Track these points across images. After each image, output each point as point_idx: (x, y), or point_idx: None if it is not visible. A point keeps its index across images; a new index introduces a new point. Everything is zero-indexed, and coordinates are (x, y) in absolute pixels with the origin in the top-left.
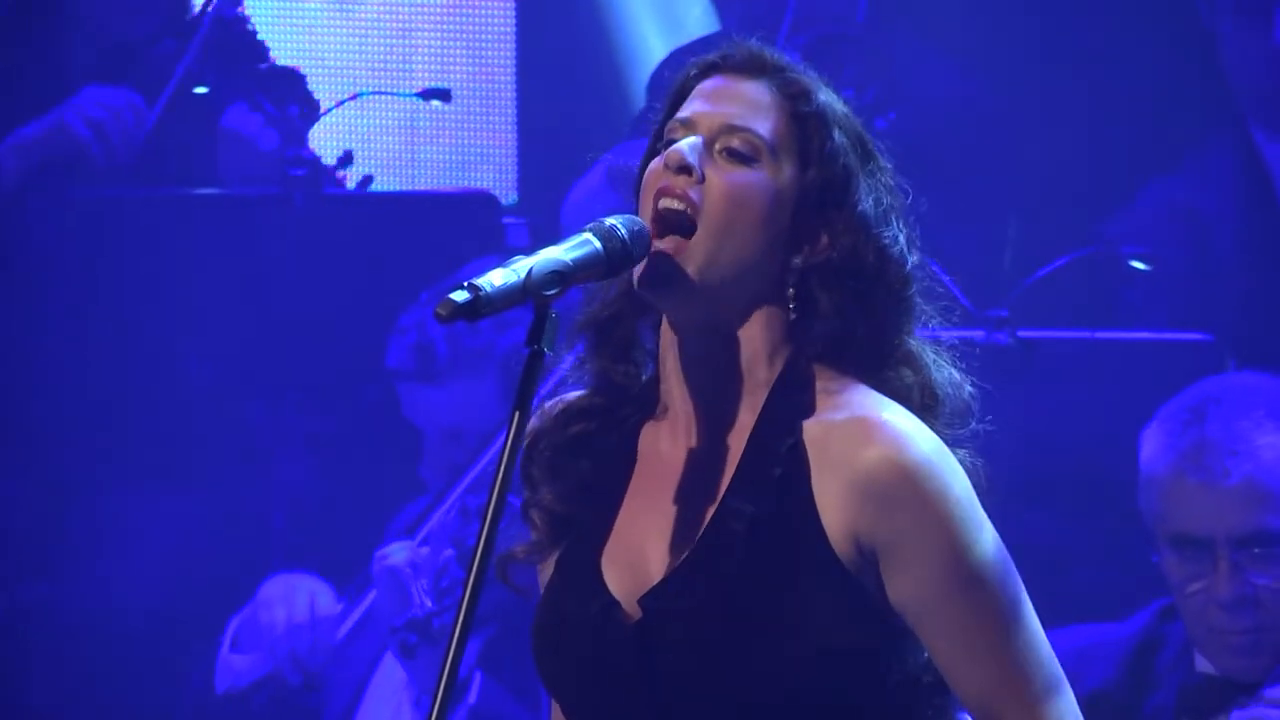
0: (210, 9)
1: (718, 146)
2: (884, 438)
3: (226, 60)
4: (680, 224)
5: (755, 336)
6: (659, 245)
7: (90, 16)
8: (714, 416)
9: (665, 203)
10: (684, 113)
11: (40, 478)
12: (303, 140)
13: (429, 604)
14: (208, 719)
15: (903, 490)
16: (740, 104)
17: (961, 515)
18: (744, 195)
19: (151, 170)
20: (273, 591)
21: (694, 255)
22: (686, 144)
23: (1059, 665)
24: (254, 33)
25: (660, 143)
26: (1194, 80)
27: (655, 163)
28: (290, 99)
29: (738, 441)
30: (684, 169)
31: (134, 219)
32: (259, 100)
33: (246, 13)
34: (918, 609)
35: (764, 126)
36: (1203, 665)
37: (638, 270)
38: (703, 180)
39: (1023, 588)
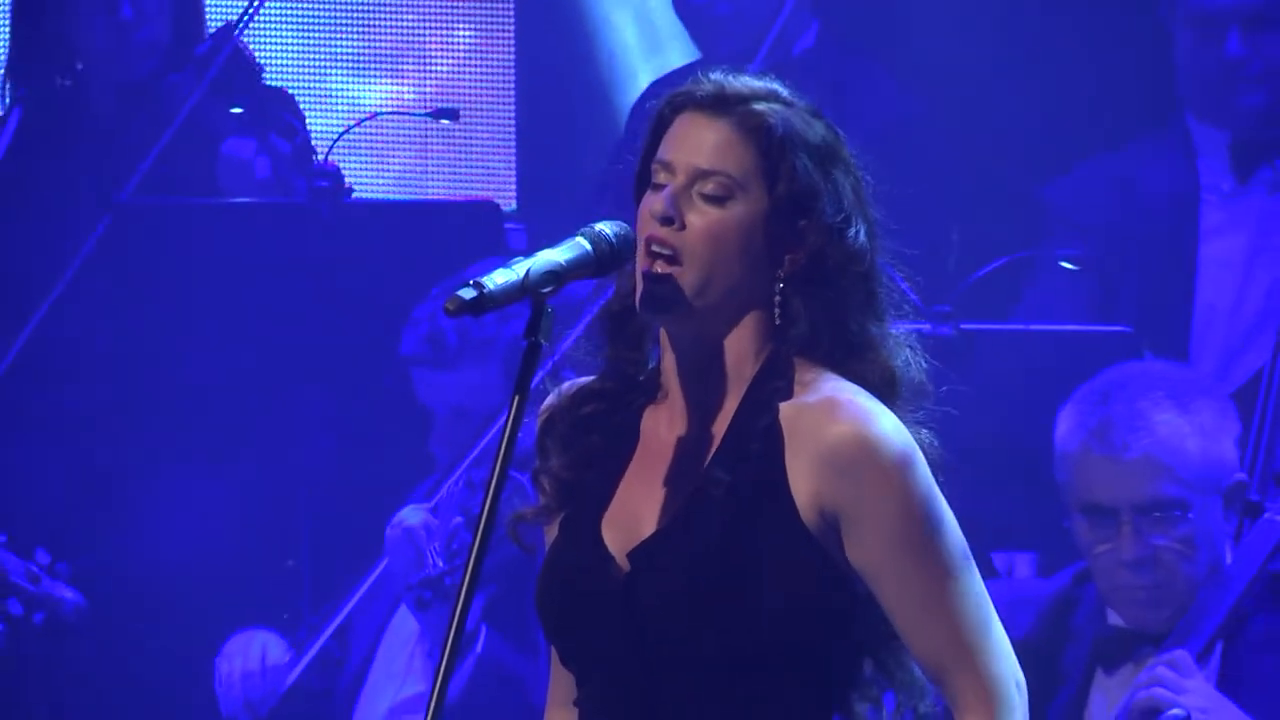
0: (222, 44)
1: (695, 190)
2: (848, 415)
3: (239, 86)
4: (671, 263)
5: (742, 339)
6: (651, 272)
7: (107, 61)
8: (704, 405)
9: (655, 249)
10: (663, 154)
11: (91, 460)
12: (313, 157)
13: (441, 564)
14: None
15: (863, 460)
16: (709, 146)
17: (915, 486)
18: (721, 234)
19: (167, 185)
20: (231, 647)
21: (684, 285)
22: (666, 194)
23: (1003, 629)
24: (259, 65)
25: (649, 174)
26: (1128, 83)
27: (646, 204)
28: (287, 122)
29: (722, 424)
30: (667, 219)
31: (174, 225)
32: (266, 122)
33: (271, 39)
34: (874, 571)
35: (732, 165)
36: (1113, 619)
37: (637, 295)
38: (684, 227)
39: (970, 557)
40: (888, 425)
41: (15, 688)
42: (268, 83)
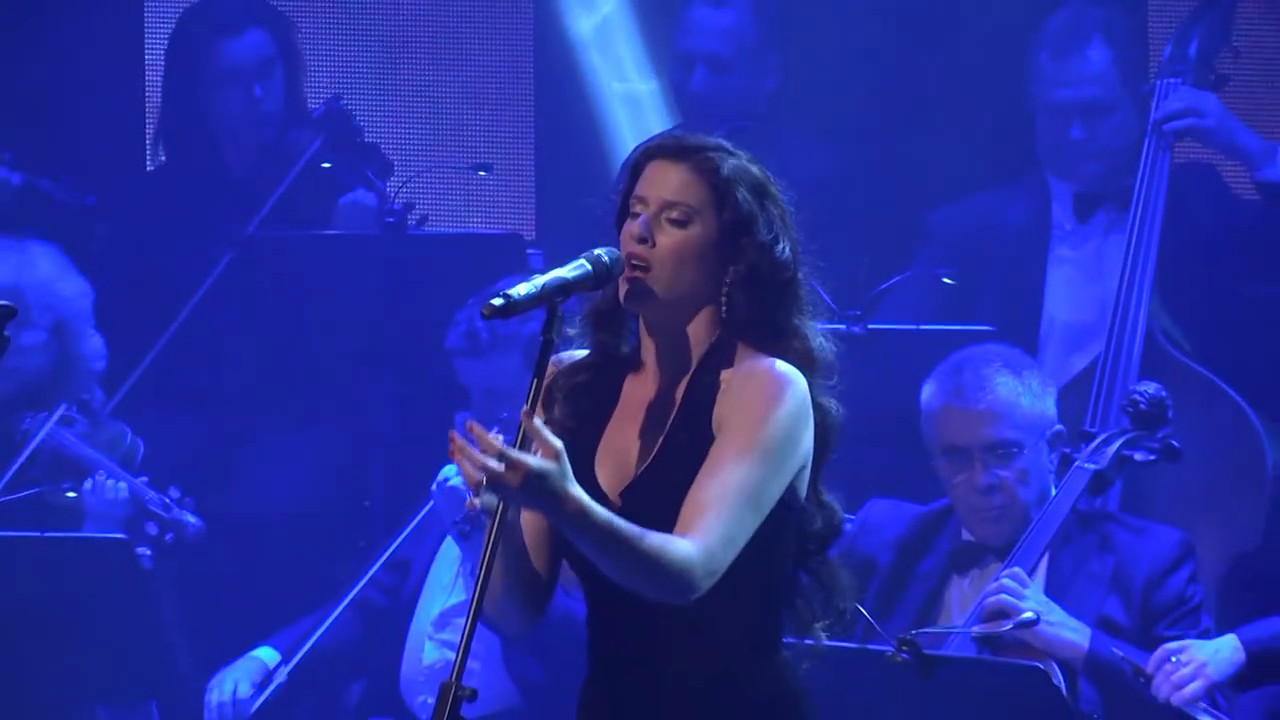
0: (328, 111)
1: (663, 216)
2: (764, 368)
3: (339, 143)
4: (645, 273)
5: (698, 327)
6: (631, 276)
7: (243, 125)
8: (670, 375)
9: (634, 262)
10: (639, 190)
11: (216, 422)
12: (390, 199)
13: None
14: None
15: (752, 382)
16: (674, 184)
17: (778, 419)
18: (682, 250)
19: (287, 219)
20: (213, 681)
21: (655, 286)
22: (641, 221)
23: (739, 545)
24: (358, 124)
25: (629, 207)
26: (999, 144)
27: (627, 229)
28: (379, 168)
29: (683, 388)
30: (642, 240)
31: (280, 251)
32: (363, 172)
33: (354, 110)
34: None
35: (691, 197)
36: (966, 535)
37: (622, 292)
38: (655, 245)
39: (768, 497)
40: (792, 378)
41: (152, 588)
42: (365, 140)
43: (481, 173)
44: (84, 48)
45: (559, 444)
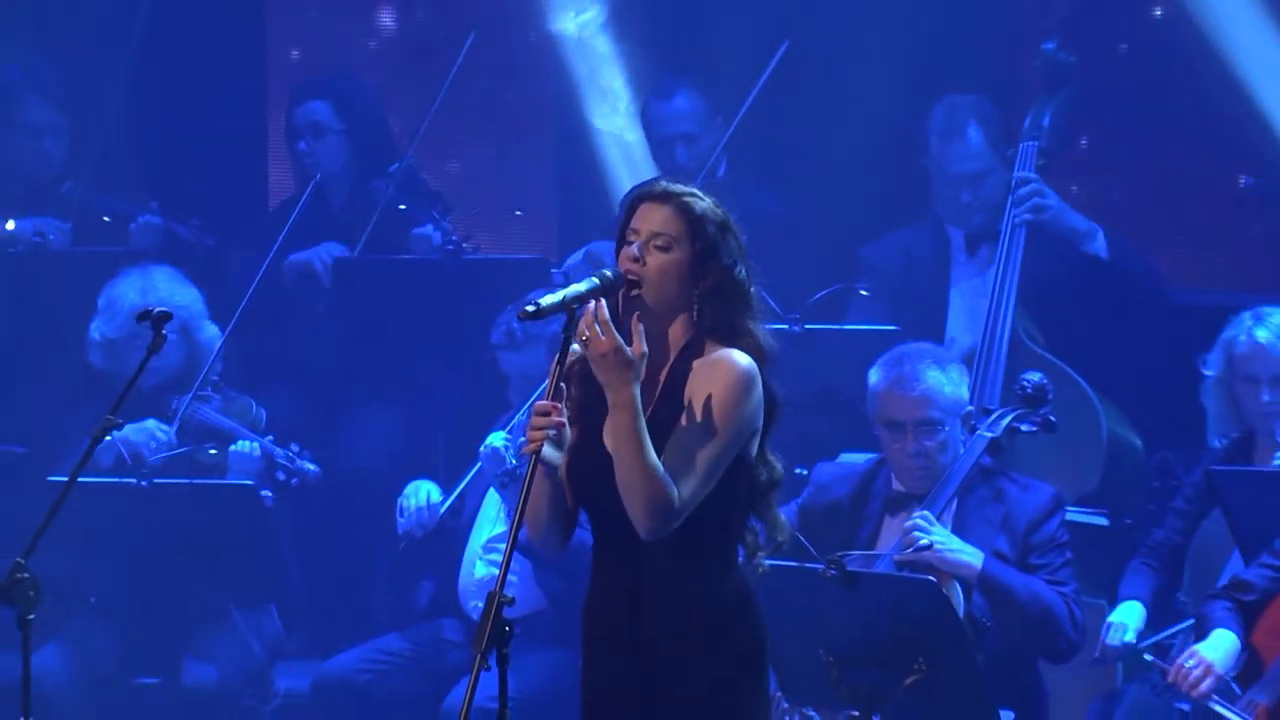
0: (402, 164)
1: (651, 244)
2: (725, 357)
3: (411, 188)
4: (636, 286)
5: (676, 328)
6: (629, 291)
7: (341, 176)
8: (655, 364)
9: (631, 278)
10: (633, 224)
11: (322, 394)
12: (450, 232)
13: (514, 462)
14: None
15: (715, 365)
16: (659, 220)
17: (736, 392)
18: (664, 269)
19: (376, 247)
20: (408, 490)
21: (645, 296)
22: (635, 246)
23: (702, 487)
24: (423, 177)
25: (625, 237)
26: (910, 195)
27: (624, 253)
28: (442, 209)
29: (664, 375)
30: (636, 260)
31: (372, 271)
32: (431, 212)
33: (425, 165)
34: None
35: (672, 230)
36: (896, 486)
37: (620, 298)
38: (645, 265)
39: (724, 464)
40: (744, 362)
41: (272, 521)
42: (431, 188)
43: (518, 212)
44: (219, 117)
45: (646, 349)
